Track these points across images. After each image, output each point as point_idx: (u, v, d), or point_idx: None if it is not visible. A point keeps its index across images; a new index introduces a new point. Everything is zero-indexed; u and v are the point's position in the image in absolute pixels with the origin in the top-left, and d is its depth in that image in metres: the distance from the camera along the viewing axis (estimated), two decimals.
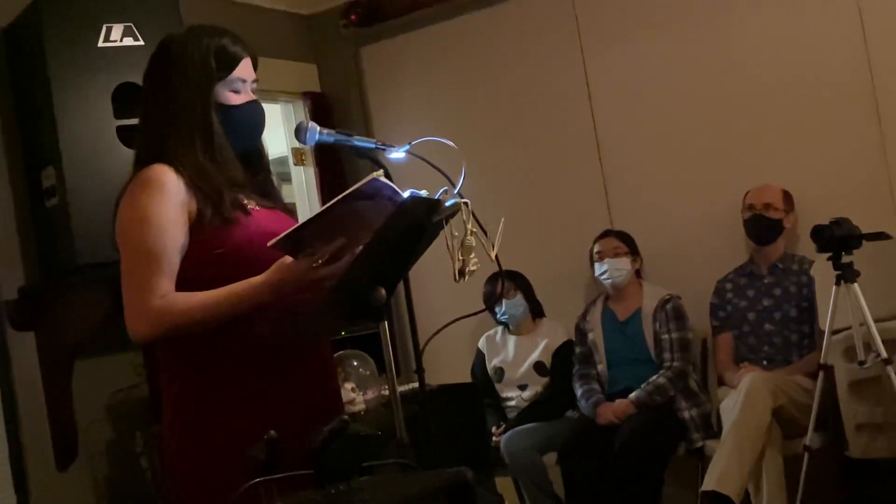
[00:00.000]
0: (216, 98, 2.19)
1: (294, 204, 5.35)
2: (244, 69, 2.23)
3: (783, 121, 4.48)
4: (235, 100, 2.22)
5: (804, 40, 4.43)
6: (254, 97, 2.26)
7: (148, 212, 2.08)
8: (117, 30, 3.76)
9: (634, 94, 4.81)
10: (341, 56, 5.53)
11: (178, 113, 2.16)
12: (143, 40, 3.78)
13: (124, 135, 3.69)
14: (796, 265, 4.30)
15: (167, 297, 2.06)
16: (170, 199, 2.09)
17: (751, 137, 4.54)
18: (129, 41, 3.77)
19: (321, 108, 5.43)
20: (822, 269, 3.82)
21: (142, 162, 2.17)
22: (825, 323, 3.69)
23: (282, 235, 1.96)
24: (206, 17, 4.45)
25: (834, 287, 3.61)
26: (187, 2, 4.17)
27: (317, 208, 5.27)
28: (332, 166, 5.36)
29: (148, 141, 2.20)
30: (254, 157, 2.29)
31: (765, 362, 4.24)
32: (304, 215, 5.27)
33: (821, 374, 3.71)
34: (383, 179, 1.92)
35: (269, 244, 1.97)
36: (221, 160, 2.17)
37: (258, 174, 2.29)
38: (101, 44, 3.74)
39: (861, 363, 3.60)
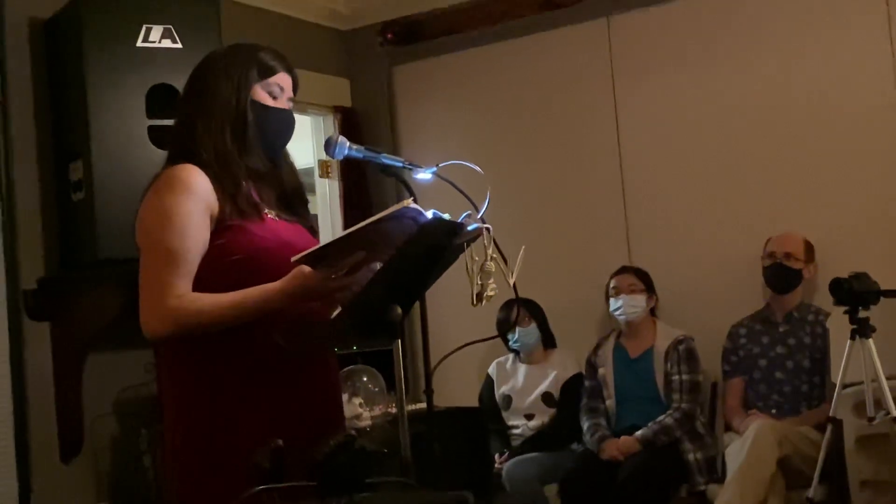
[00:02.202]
0: (253, 95, 2.23)
1: (316, 216, 5.37)
2: (283, 79, 2.28)
3: (809, 170, 4.48)
4: (270, 102, 2.26)
5: (834, 90, 4.44)
6: (287, 107, 2.30)
7: (172, 211, 2.11)
8: (157, 31, 3.80)
9: (662, 132, 4.83)
10: (375, 73, 5.57)
11: (214, 104, 2.21)
12: (182, 43, 3.81)
13: (155, 135, 3.72)
14: (812, 316, 4.28)
15: (184, 297, 2.08)
16: (195, 200, 2.12)
17: (776, 184, 4.55)
18: (167, 43, 3.81)
19: (350, 123, 5.46)
20: (837, 321, 3.81)
21: (172, 158, 2.21)
22: (837, 376, 3.68)
23: (306, 253, 1.99)
24: (246, 26, 4.54)
25: (848, 341, 3.60)
26: (228, 9, 4.22)
27: (339, 221, 5.36)
28: (357, 180, 5.39)
29: (179, 133, 2.24)
30: (279, 165, 2.32)
31: (773, 411, 4.23)
32: (325, 227, 5.34)
33: (829, 427, 3.70)
34: (413, 206, 1.93)
35: (292, 259, 1.99)
36: (247, 150, 2.20)
37: (284, 185, 2.31)
38: (139, 43, 3.78)
39: (870, 419, 3.59)
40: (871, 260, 3.98)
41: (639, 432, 4.30)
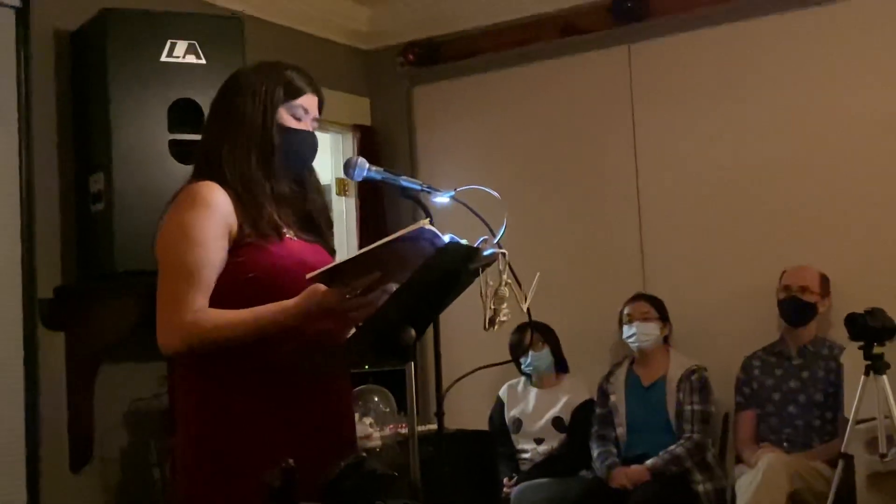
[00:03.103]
0: (278, 118, 2.24)
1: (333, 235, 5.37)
2: (308, 101, 2.30)
3: (827, 204, 4.48)
4: (294, 124, 2.27)
5: (853, 124, 4.43)
6: (311, 129, 2.32)
7: (191, 228, 2.12)
8: (181, 46, 3.83)
9: (681, 162, 4.83)
10: (395, 93, 5.59)
11: (241, 126, 2.22)
12: (205, 59, 3.84)
13: (176, 149, 3.75)
14: (826, 350, 4.27)
15: (200, 312, 2.09)
16: (214, 217, 2.13)
17: (793, 217, 4.54)
18: (191, 59, 3.84)
19: (369, 142, 5.48)
20: (852, 357, 3.79)
21: (196, 175, 2.23)
22: (850, 411, 3.66)
23: (321, 270, 1.99)
24: (269, 44, 4.57)
25: (862, 377, 3.58)
26: (251, 26, 4.26)
27: (354, 240, 5.37)
28: (374, 199, 5.41)
29: (204, 151, 2.26)
30: (304, 185, 2.33)
31: (785, 444, 4.20)
32: (341, 246, 5.33)
33: (840, 463, 3.67)
34: (429, 227, 1.94)
35: (307, 276, 2.00)
36: (273, 174, 2.22)
37: (307, 205, 2.32)
38: (163, 58, 3.82)
39: (882, 456, 3.56)
40: (886, 296, 3.96)
41: (649, 461, 4.28)
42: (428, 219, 2.00)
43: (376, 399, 4.28)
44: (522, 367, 4.75)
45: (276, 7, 4.99)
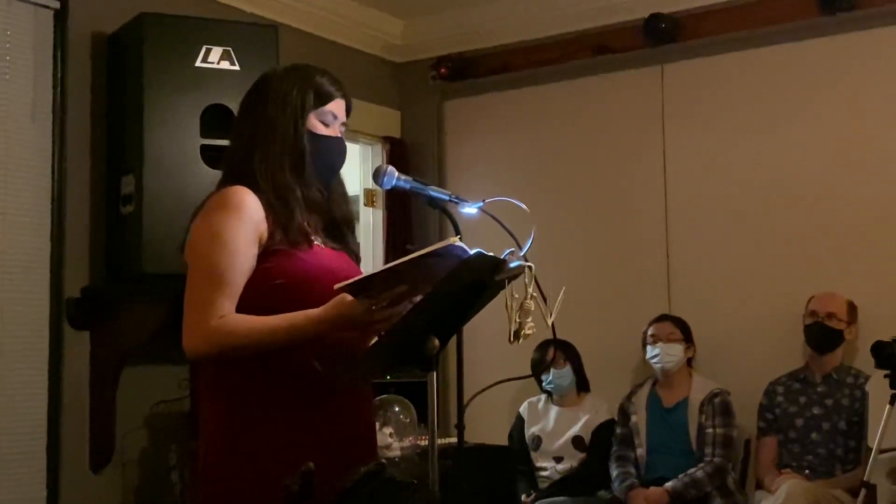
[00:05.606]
0: (308, 124, 2.25)
1: (359, 244, 5.38)
2: (337, 106, 2.30)
3: (856, 231, 4.45)
4: (322, 131, 2.28)
5: (885, 151, 4.41)
6: (339, 134, 2.32)
7: (222, 232, 2.12)
8: (216, 52, 3.86)
9: (710, 183, 4.81)
10: (426, 106, 5.61)
11: (272, 132, 2.22)
12: (239, 66, 3.88)
13: (207, 154, 3.77)
14: (851, 378, 4.23)
15: (226, 317, 2.09)
16: (245, 222, 2.13)
17: (821, 243, 4.51)
18: (225, 65, 3.87)
19: (399, 154, 5.50)
20: (877, 385, 3.75)
21: (227, 180, 2.23)
22: (874, 440, 3.62)
23: (350, 282, 2.00)
24: (303, 52, 4.60)
25: (888, 406, 3.55)
26: (285, 35, 4.29)
27: (381, 251, 5.39)
28: (401, 211, 5.42)
29: (235, 156, 2.27)
30: (333, 192, 2.34)
31: (807, 471, 4.16)
32: (367, 256, 5.36)
33: (862, 492, 3.63)
34: (459, 244, 1.94)
35: (336, 287, 2.00)
36: (305, 181, 2.22)
37: (333, 212, 2.33)
38: (198, 63, 3.85)
39: None
40: None
41: (668, 484, 4.25)
42: (458, 236, 2.00)
43: (397, 409, 4.27)
44: (543, 384, 4.74)
45: (310, 17, 5.03)
